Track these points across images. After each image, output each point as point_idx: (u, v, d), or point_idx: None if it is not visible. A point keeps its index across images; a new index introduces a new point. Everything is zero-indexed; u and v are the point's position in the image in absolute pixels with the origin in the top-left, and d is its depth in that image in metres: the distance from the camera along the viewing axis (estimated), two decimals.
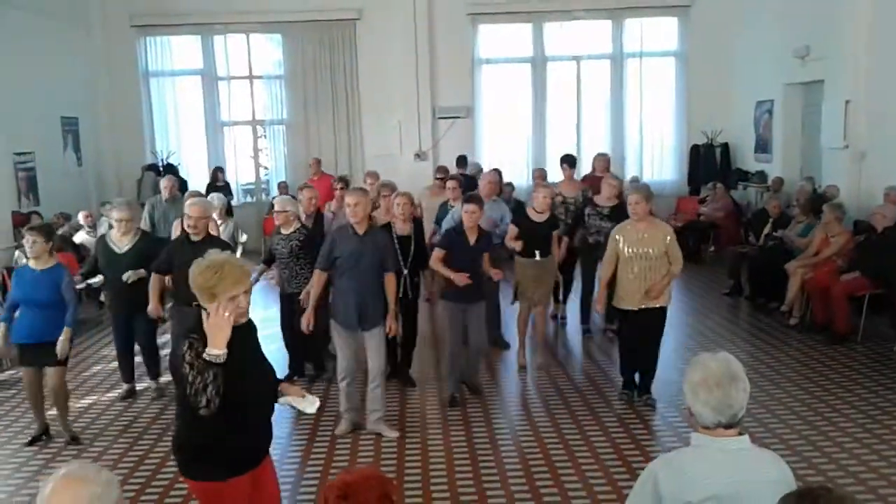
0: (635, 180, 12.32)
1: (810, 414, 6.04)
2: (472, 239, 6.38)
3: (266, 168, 14.66)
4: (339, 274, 5.72)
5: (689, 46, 13.96)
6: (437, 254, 6.45)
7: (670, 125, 14.32)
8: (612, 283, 6.33)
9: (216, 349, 3.03)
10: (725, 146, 13.75)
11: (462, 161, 12.16)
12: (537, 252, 7.11)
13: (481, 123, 14.27)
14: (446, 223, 7.47)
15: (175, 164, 13.80)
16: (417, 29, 13.57)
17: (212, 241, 5.84)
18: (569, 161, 9.24)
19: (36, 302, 5.66)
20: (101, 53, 13.27)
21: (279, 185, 13.25)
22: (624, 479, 4.99)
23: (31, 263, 5.80)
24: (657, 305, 6.17)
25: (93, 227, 11.04)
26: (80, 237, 10.79)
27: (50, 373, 5.81)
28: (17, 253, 9.66)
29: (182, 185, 13.27)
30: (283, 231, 6.88)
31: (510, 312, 7.95)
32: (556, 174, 13.49)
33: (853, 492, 4.74)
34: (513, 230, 7.23)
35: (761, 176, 12.39)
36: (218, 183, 12.77)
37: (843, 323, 7.76)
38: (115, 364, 7.24)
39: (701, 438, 2.67)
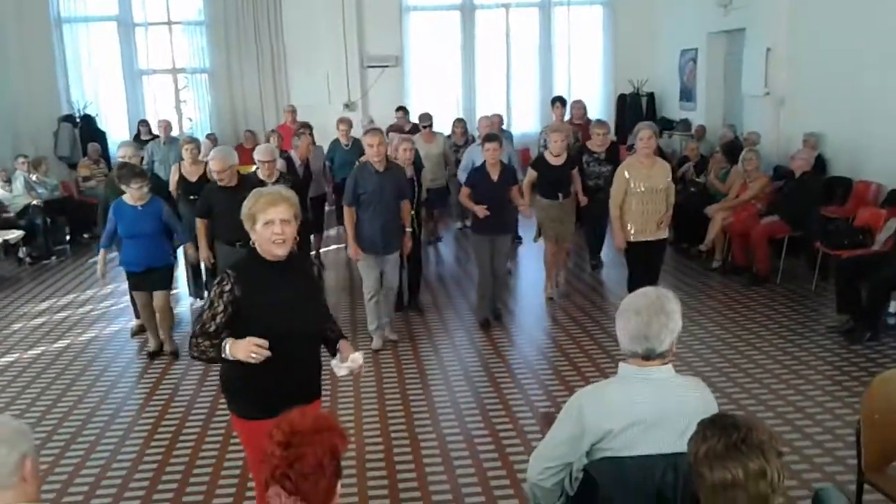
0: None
1: (731, 352, 6.26)
2: (494, 175, 6.83)
3: (191, 119, 14.21)
4: (363, 208, 6.30)
5: None
6: (463, 190, 7.09)
7: (598, 74, 14.40)
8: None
9: (231, 353, 3.07)
10: (651, 95, 13.91)
11: (402, 110, 12.06)
12: (560, 194, 7.51)
13: (410, 72, 14.10)
14: (463, 166, 8.43)
15: (93, 114, 13.28)
16: None
17: (245, 185, 5.99)
18: (561, 101, 9.86)
19: (140, 234, 6.20)
20: None
21: (208, 136, 12.85)
22: None
23: (130, 201, 6.22)
24: (664, 236, 6.81)
25: (7, 181, 10.60)
26: None
27: (157, 296, 6.47)
28: None
29: (101, 138, 12.86)
30: (268, 180, 6.68)
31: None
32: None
33: (771, 424, 4.96)
34: (531, 174, 7.61)
35: (685, 124, 12.59)
36: (142, 137, 12.24)
37: (763, 265, 8.03)
38: None
39: (626, 369, 2.72)
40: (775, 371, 5.86)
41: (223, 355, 3.08)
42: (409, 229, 6.64)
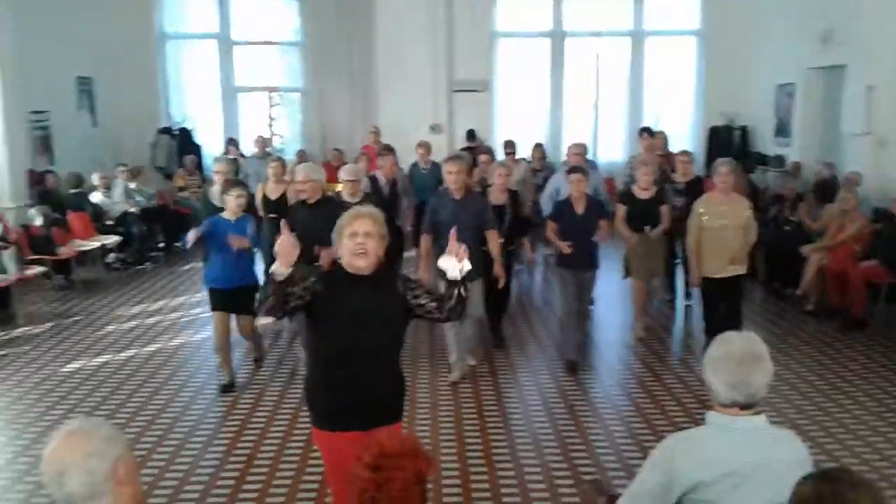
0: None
1: (823, 400, 6.02)
2: (579, 208, 6.63)
3: (280, 136, 14.59)
4: (440, 236, 6.08)
5: (710, 26, 13.77)
6: (550, 225, 6.86)
7: (689, 106, 14.19)
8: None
9: (279, 268, 3.13)
10: (744, 129, 13.62)
11: (471, 135, 12.16)
12: (646, 228, 7.26)
13: (498, 98, 14.16)
14: (549, 194, 8.10)
15: (189, 128, 13.75)
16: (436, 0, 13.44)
17: (327, 203, 6.06)
18: (648, 132, 9.64)
19: (228, 249, 5.95)
20: (117, 13, 13.12)
21: (298, 153, 13.15)
22: None
23: (226, 215, 6.12)
24: (740, 273, 6.63)
25: (107, 188, 11.05)
26: (95, 197, 10.81)
27: (243, 320, 6.31)
28: (31, 211, 9.69)
29: (197, 150, 13.31)
30: (351, 199, 6.64)
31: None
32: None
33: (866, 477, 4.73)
34: (620, 210, 7.38)
35: (780, 160, 12.26)
36: (229, 156, 12.55)
37: (859, 309, 7.71)
38: None
39: (717, 417, 2.62)
40: (870, 422, 5.60)
41: (273, 273, 3.14)
42: (498, 258, 6.37)
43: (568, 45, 14.10)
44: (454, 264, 3.35)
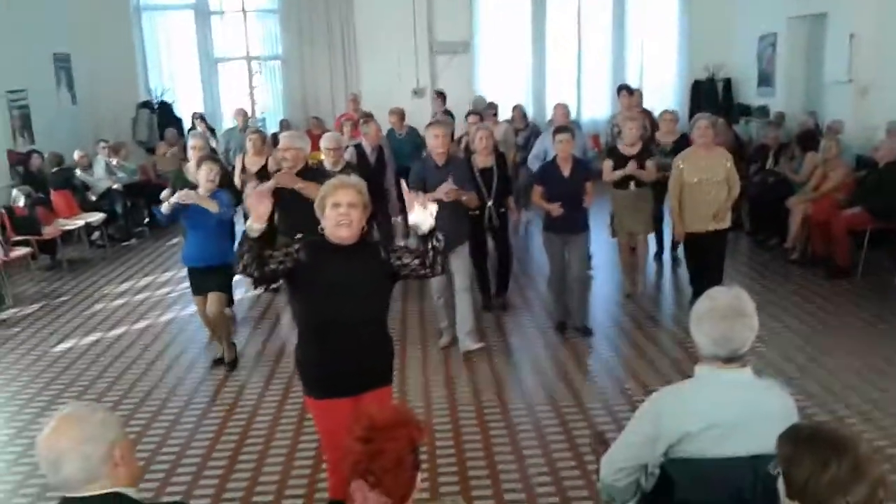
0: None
1: (810, 348, 6.09)
2: (566, 170, 6.41)
3: (262, 106, 14.44)
4: None
5: None
6: (535, 189, 6.58)
7: (672, 59, 14.10)
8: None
9: (252, 223, 3.17)
10: (728, 81, 13.57)
11: (442, 96, 12.04)
12: (631, 183, 7.16)
13: (479, 58, 14.04)
14: (532, 155, 8.06)
15: (170, 101, 13.61)
16: None
17: (313, 174, 5.91)
18: (627, 89, 9.35)
19: (204, 226, 5.79)
20: None
21: (281, 122, 13.04)
22: None
23: (199, 191, 5.86)
24: (723, 227, 6.60)
25: (88, 166, 10.96)
26: (84, 175, 10.75)
27: (211, 298, 5.94)
28: (14, 192, 9.62)
29: (178, 123, 13.18)
30: (334, 168, 6.73)
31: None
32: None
33: (851, 423, 4.82)
34: (607, 166, 7.26)
35: (763, 111, 12.24)
36: (197, 130, 11.57)
37: (843, 257, 7.77)
38: None
39: (703, 370, 2.69)
40: (856, 367, 5.68)
41: (248, 230, 3.18)
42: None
43: (549, 2, 13.94)
44: (425, 215, 3.37)
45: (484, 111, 10.00)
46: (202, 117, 11.99)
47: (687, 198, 6.57)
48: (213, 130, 11.97)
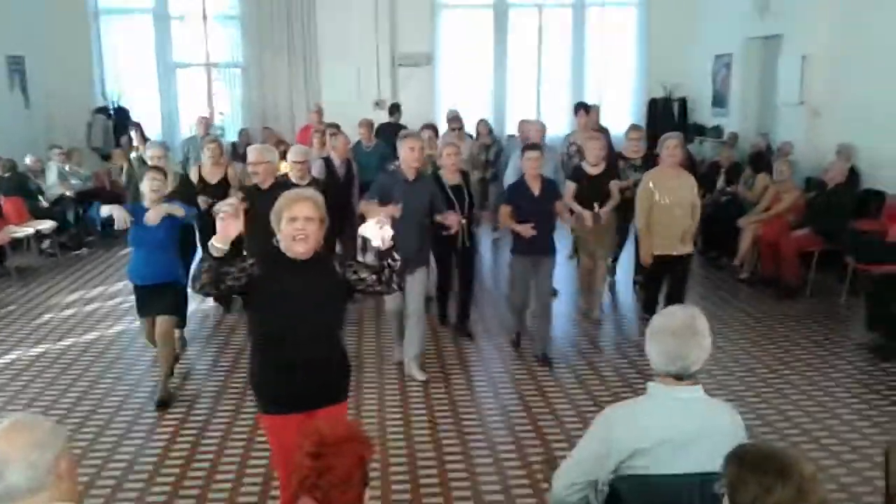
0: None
1: (759, 366, 6.20)
2: (535, 189, 6.20)
3: (222, 113, 14.31)
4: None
5: None
6: (503, 209, 6.31)
7: (630, 77, 14.27)
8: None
9: (217, 242, 3.14)
10: (683, 100, 13.77)
11: (395, 109, 12.04)
12: (596, 205, 7.00)
13: (441, 71, 14.09)
14: (510, 173, 7.75)
15: (126, 107, 13.41)
16: None
17: (283, 187, 5.53)
18: (584, 107, 9.26)
19: (149, 242, 5.50)
20: None
21: (241, 131, 12.87)
22: None
23: (147, 203, 5.60)
24: (688, 251, 6.59)
25: (41, 171, 10.75)
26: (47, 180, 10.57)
27: (160, 322, 5.62)
28: None
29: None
30: (300, 182, 6.56)
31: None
32: (516, 123, 13.54)
33: (798, 443, 4.91)
34: (571, 187, 7.11)
35: (717, 131, 12.47)
36: (134, 143, 10.87)
37: (792, 277, 7.94)
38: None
39: (656, 388, 2.74)
40: (803, 387, 5.79)
41: (212, 249, 3.14)
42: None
43: (511, 17, 14.05)
44: (376, 231, 3.36)
45: (450, 124, 9.94)
46: (138, 127, 11.32)
47: (657, 219, 6.46)
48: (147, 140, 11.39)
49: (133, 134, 11.01)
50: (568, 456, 2.87)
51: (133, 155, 9.85)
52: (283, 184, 6.17)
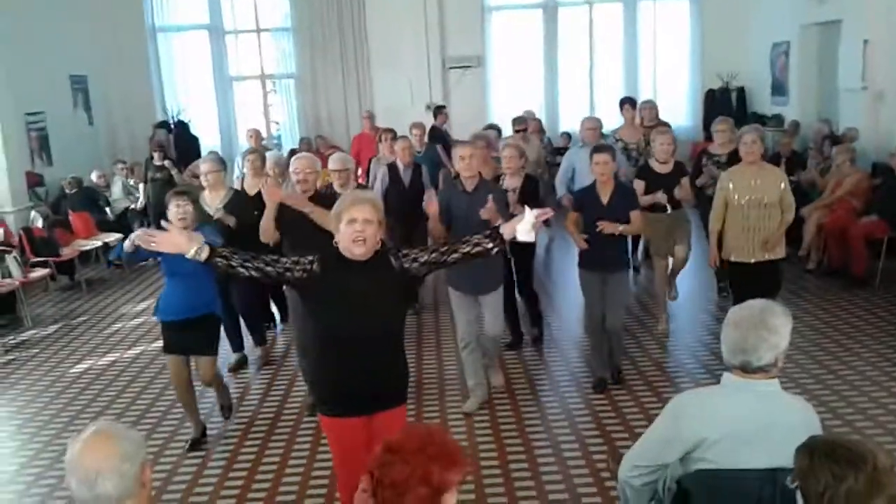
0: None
1: (829, 359, 6.03)
2: (604, 196, 5.53)
3: (277, 123, 14.57)
4: (452, 233, 5.08)
5: None
6: (570, 215, 5.81)
7: (685, 70, 14.06)
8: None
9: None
10: (741, 90, 13.52)
11: (439, 111, 11.99)
12: (668, 206, 6.48)
13: (492, 73, 14.08)
14: (562, 173, 7.40)
15: (186, 120, 13.74)
16: None
17: (321, 199, 5.09)
18: (630, 102, 8.91)
19: (181, 271, 4.75)
20: (107, 9, 13.04)
21: (301, 140, 13.05)
22: None
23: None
24: (775, 257, 5.75)
25: (106, 186, 11.08)
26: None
27: (201, 365, 5.08)
28: (32, 213, 9.73)
29: (194, 143, 13.29)
30: (341, 191, 5.81)
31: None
32: (568, 122, 13.48)
33: (872, 435, 4.76)
34: (640, 185, 6.49)
35: (778, 119, 12.20)
36: (155, 162, 10.87)
37: (860, 266, 7.70)
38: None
39: (730, 378, 2.71)
40: (875, 378, 5.62)
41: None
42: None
43: (561, 15, 13.98)
44: (529, 228, 3.28)
45: (514, 125, 9.08)
46: (161, 145, 11.18)
47: (730, 222, 5.77)
48: (172, 161, 11.16)
49: (155, 153, 10.86)
50: (639, 439, 2.84)
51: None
52: (323, 193, 5.55)
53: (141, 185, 11.05)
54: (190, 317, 4.91)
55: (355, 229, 3.22)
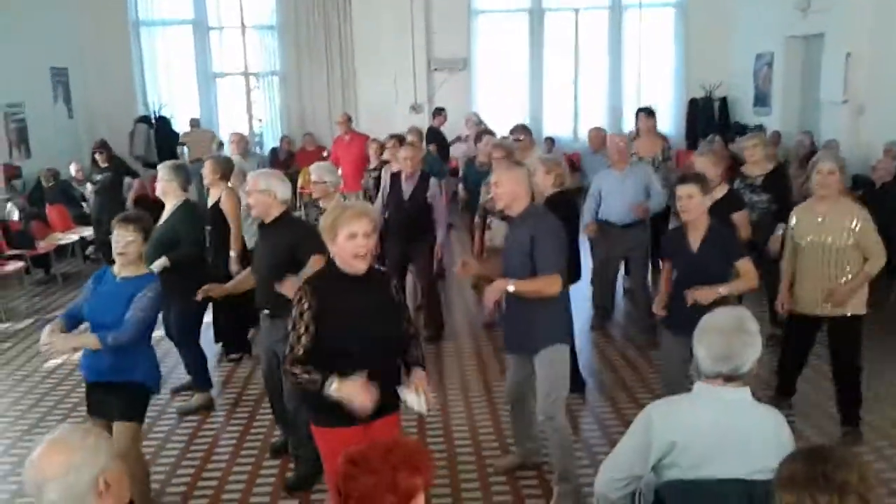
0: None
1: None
2: (695, 241, 4.40)
3: (260, 120, 14.47)
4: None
5: None
6: (664, 265, 4.82)
7: (669, 78, 14.16)
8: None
9: (339, 391, 3.13)
10: (724, 100, 13.62)
11: (438, 112, 11.95)
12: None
13: (477, 76, 14.07)
14: (591, 201, 6.55)
15: (167, 116, 13.61)
16: None
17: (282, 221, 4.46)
18: (647, 112, 7.97)
19: (103, 324, 3.88)
20: (89, 1, 12.91)
21: (282, 138, 12.93)
22: None
23: (115, 268, 4.04)
24: (844, 314, 4.74)
25: (84, 180, 10.94)
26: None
27: (116, 431, 3.87)
28: (8, 206, 9.59)
29: (175, 138, 13.18)
30: (323, 204, 5.51)
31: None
32: (552, 128, 13.51)
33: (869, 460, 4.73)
34: (741, 217, 5.46)
35: (760, 130, 12.27)
36: (100, 164, 9.95)
37: None
38: None
39: (700, 387, 2.70)
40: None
41: (327, 392, 3.09)
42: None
43: (547, 21, 14.01)
44: (415, 399, 3.25)
45: (512, 135, 7.81)
46: (104, 145, 10.20)
47: (798, 265, 4.85)
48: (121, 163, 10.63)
49: (98, 156, 9.92)
50: (611, 453, 2.82)
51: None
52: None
53: (88, 186, 10.12)
54: (110, 380, 3.94)
55: (357, 244, 3.16)
